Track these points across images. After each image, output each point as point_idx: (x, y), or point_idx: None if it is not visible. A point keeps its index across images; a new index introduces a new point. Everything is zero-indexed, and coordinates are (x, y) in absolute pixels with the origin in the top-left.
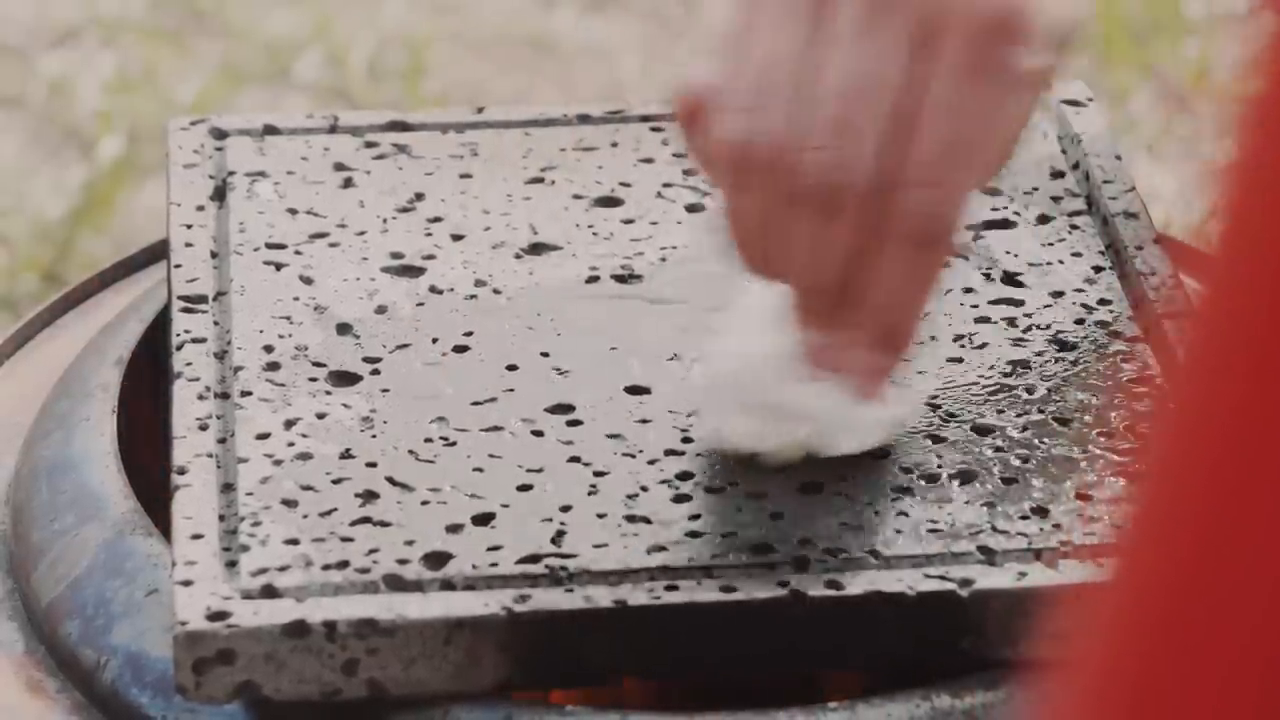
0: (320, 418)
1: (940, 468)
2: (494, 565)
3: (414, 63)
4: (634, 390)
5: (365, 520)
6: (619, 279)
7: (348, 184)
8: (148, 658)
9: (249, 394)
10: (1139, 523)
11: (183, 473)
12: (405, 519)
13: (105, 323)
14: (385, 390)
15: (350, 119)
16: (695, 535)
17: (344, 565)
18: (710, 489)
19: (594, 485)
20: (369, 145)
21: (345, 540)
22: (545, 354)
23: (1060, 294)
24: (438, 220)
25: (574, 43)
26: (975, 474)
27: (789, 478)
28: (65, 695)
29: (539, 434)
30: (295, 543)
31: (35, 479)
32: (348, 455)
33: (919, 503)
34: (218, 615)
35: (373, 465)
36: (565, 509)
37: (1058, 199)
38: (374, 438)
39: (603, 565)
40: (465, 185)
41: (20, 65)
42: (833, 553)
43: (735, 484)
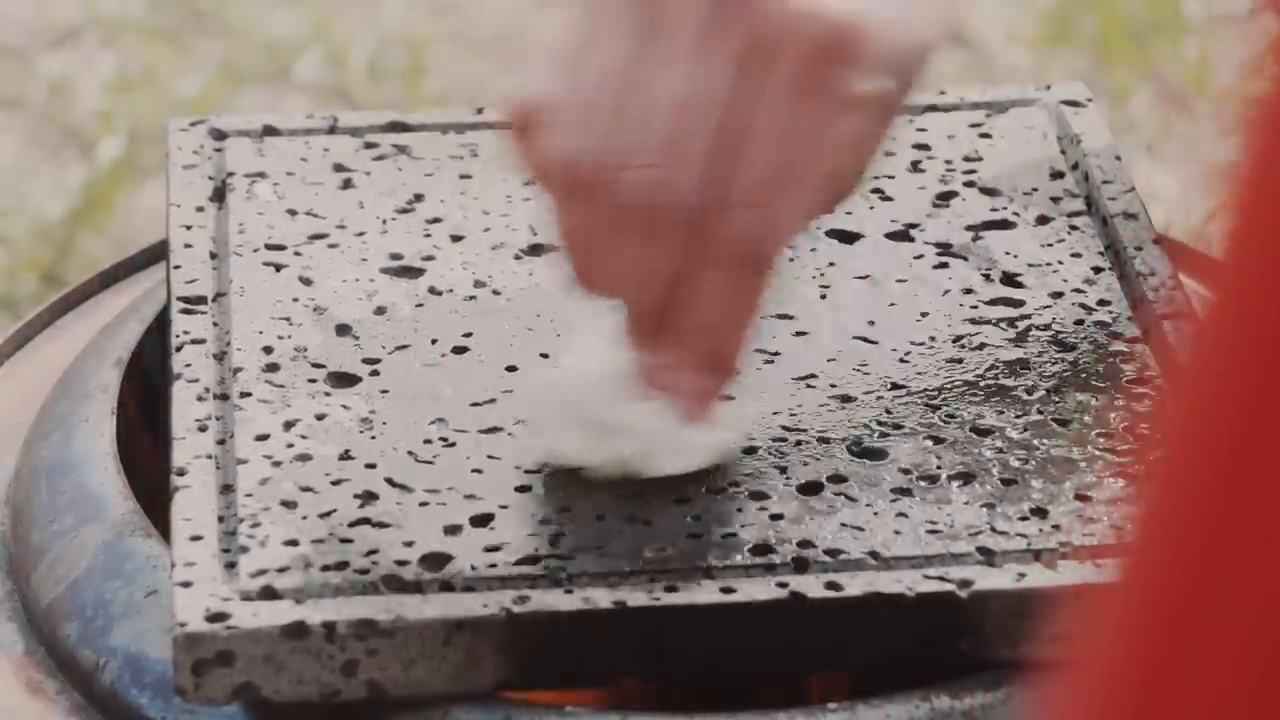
0: (319, 419)
1: (940, 468)
2: (493, 566)
3: (414, 63)
4: None
5: (364, 521)
6: None
7: (347, 185)
8: (147, 659)
9: (248, 395)
10: (1146, 523)
11: (182, 474)
12: (404, 520)
13: (105, 323)
14: (384, 391)
15: (350, 119)
16: (695, 536)
17: (343, 566)
18: (710, 490)
19: (594, 485)
20: (369, 146)
21: (344, 541)
22: (545, 355)
23: (1060, 295)
24: (437, 221)
25: None
26: (974, 475)
27: (789, 479)
28: (65, 696)
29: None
30: (294, 544)
31: (35, 480)
32: (347, 456)
33: (918, 503)
34: (217, 616)
35: (372, 466)
36: (564, 510)
37: (1057, 199)
38: (373, 439)
39: (602, 566)
40: (465, 186)
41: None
42: (832, 554)
43: (735, 485)
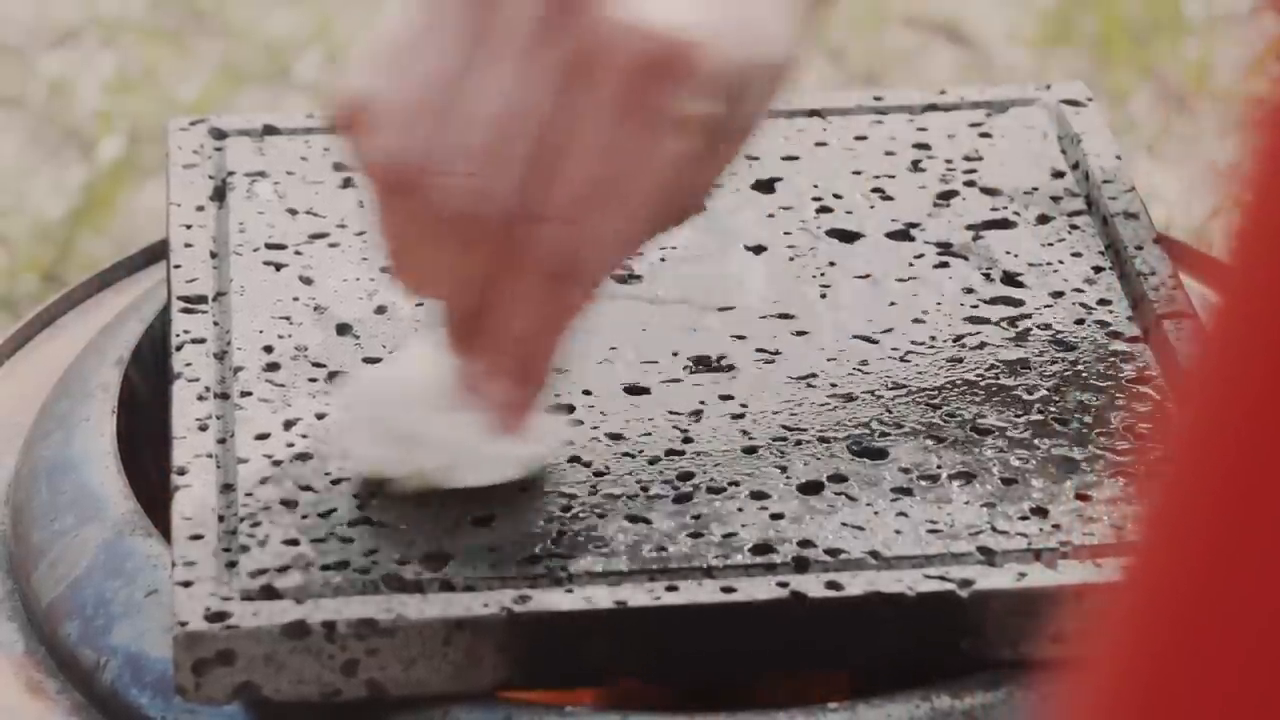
0: (320, 418)
1: (940, 468)
2: (494, 566)
3: None
4: (634, 390)
5: (365, 521)
6: (618, 279)
7: (347, 184)
8: (147, 658)
9: (249, 394)
10: (1152, 525)
11: (182, 473)
12: (404, 519)
13: (105, 323)
14: None
15: None
16: (695, 535)
17: (343, 566)
18: (710, 489)
19: (594, 485)
20: None
21: (345, 541)
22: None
23: (1060, 294)
24: None
25: None
26: (975, 474)
27: (789, 478)
28: (65, 696)
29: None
30: (295, 543)
31: (35, 479)
32: (347, 456)
33: (919, 503)
34: (217, 616)
35: None
36: (565, 509)
37: (1057, 199)
38: None
39: (603, 566)
40: None
41: (20, 65)
42: (833, 553)
43: (736, 484)
